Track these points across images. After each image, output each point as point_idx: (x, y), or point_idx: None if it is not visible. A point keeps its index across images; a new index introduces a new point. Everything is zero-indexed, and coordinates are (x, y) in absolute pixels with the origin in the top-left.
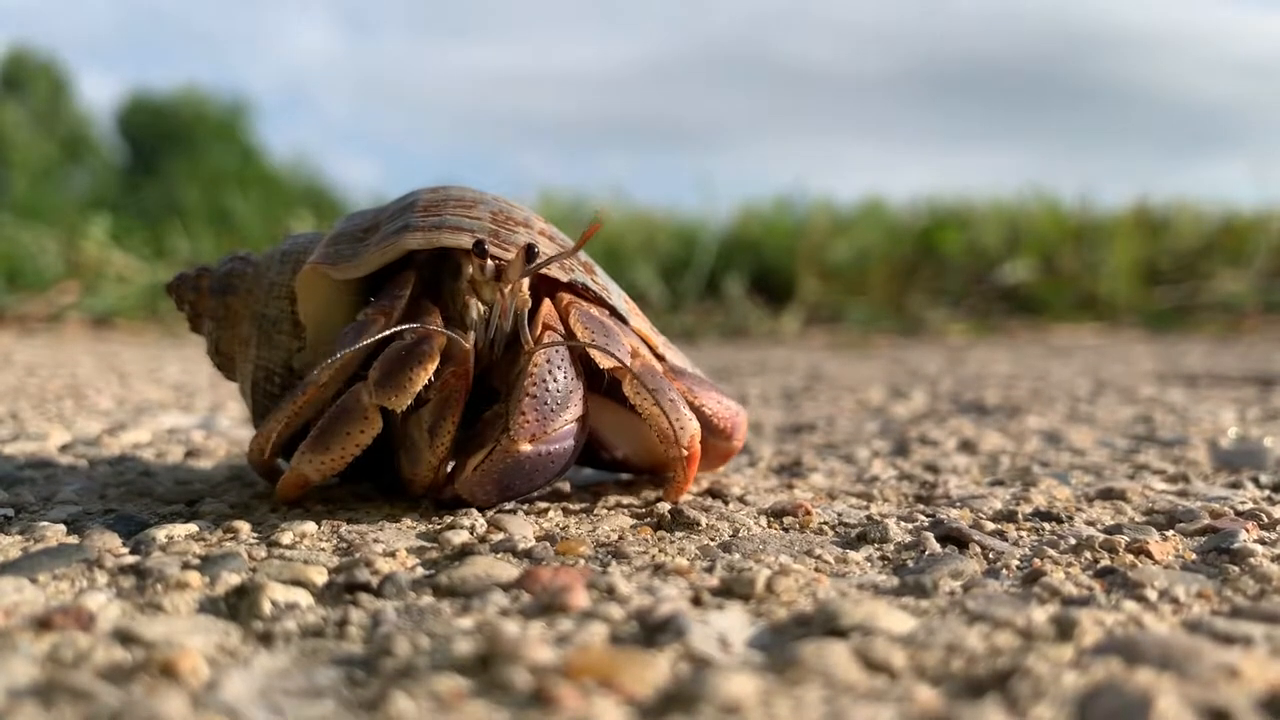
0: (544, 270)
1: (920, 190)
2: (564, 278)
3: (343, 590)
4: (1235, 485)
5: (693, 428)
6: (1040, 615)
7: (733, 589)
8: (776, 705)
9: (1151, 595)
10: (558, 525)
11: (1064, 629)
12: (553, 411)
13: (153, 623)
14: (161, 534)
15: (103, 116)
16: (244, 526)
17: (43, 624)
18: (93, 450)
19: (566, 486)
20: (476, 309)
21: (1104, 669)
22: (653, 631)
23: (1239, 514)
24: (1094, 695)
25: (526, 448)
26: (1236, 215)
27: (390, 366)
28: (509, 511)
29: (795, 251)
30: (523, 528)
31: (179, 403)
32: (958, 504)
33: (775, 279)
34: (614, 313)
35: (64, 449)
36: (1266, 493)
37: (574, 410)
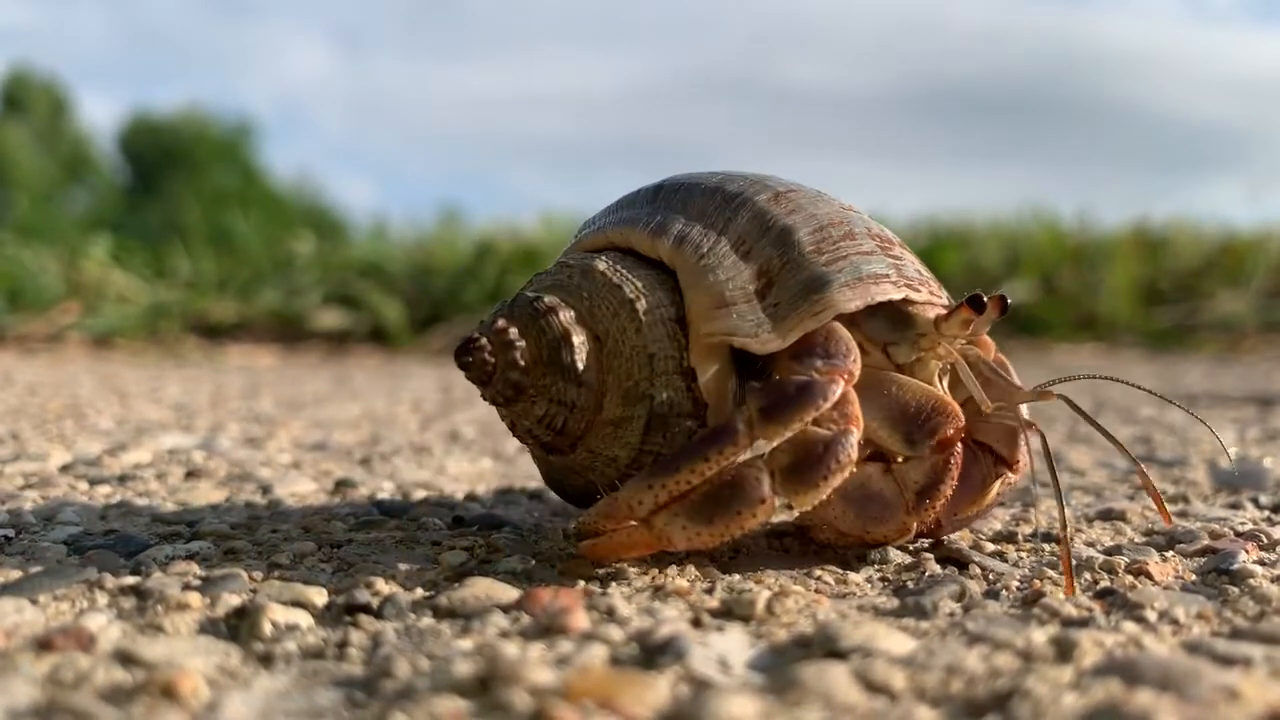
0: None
1: (920, 210)
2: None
3: (343, 611)
4: (1235, 506)
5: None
6: (1040, 636)
7: (733, 610)
8: None
9: (1151, 616)
10: (556, 546)
11: (1064, 650)
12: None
13: (153, 643)
14: (162, 554)
15: (104, 137)
16: (244, 547)
17: (43, 645)
18: (93, 470)
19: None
20: (935, 365)
21: (1103, 690)
22: (652, 653)
23: (1238, 535)
24: (1093, 717)
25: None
26: (1235, 235)
27: (806, 458)
28: (509, 533)
29: None
30: (522, 549)
31: (179, 423)
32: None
33: None
34: None
35: (64, 469)
36: (1266, 513)
37: None
